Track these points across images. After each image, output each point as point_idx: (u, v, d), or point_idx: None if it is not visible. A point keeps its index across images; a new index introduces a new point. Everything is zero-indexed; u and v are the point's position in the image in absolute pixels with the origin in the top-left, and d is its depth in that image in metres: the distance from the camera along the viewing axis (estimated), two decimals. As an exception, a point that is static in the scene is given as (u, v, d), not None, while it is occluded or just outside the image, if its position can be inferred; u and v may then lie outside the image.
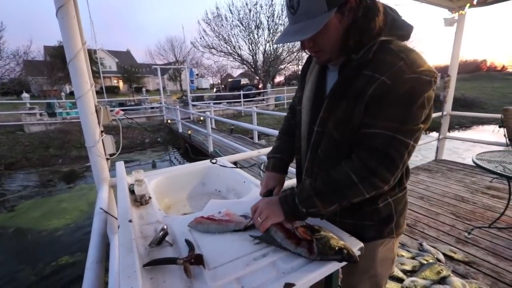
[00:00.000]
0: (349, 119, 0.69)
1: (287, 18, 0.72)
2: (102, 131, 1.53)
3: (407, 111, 0.63)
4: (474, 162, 2.09)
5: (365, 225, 0.79)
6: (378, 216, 0.78)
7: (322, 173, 0.72)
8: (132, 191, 1.10)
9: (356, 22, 0.65)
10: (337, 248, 0.66)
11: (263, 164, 4.49)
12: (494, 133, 3.62)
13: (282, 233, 0.72)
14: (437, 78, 0.64)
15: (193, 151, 7.63)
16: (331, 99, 0.73)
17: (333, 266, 0.67)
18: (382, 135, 0.64)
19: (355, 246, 0.71)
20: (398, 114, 0.63)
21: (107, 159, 1.57)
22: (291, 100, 1.00)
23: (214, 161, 1.48)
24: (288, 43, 20.59)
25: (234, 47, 20.72)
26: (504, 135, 3.19)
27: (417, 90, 0.62)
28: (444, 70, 3.85)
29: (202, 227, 0.82)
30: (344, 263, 0.68)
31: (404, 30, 0.69)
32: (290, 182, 1.98)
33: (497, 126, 3.31)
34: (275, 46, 20.52)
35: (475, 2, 3.33)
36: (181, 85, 32.60)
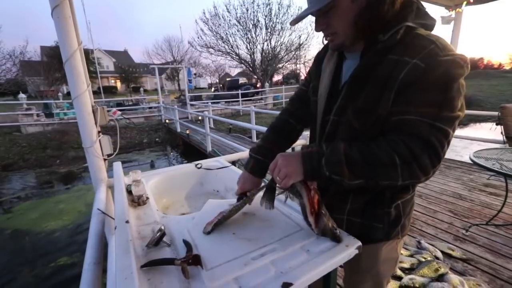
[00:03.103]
0: (373, 109, 0.65)
1: (284, 17, 0.73)
2: (99, 132, 1.52)
3: (444, 96, 0.58)
4: (472, 160, 2.10)
5: (374, 226, 0.77)
6: (388, 219, 0.76)
7: (360, 143, 0.65)
8: (129, 192, 1.09)
9: (371, 5, 0.63)
10: (334, 229, 0.71)
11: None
12: (491, 131, 3.64)
13: (305, 191, 0.71)
14: (469, 66, 0.61)
15: (191, 151, 7.62)
16: (351, 86, 0.70)
17: (332, 265, 0.67)
18: (420, 122, 0.59)
19: (353, 244, 0.71)
20: (435, 99, 0.59)
21: (105, 159, 1.56)
22: (289, 100, 0.99)
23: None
24: (286, 42, 20.67)
25: (232, 46, 20.73)
26: (501, 133, 3.20)
27: (453, 73, 0.58)
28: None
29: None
30: (344, 261, 0.69)
31: (428, 21, 0.67)
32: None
33: (494, 123, 3.32)
34: (272, 44, 20.54)
35: (472, 0, 3.34)
36: (179, 85, 32.49)
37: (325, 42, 0.78)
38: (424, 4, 0.69)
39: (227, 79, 30.08)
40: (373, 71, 0.65)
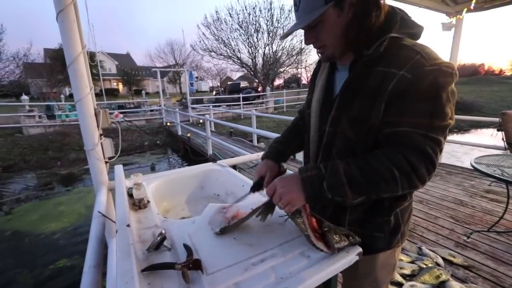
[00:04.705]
0: (365, 118, 0.66)
1: (285, 22, 0.74)
2: (101, 134, 1.53)
3: (435, 105, 0.60)
4: (473, 166, 2.09)
5: (375, 236, 0.77)
6: (388, 227, 0.77)
7: (358, 160, 0.65)
8: (130, 195, 1.09)
9: (356, 18, 0.64)
10: (345, 237, 0.71)
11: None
12: (492, 137, 3.63)
13: (307, 219, 0.71)
14: (457, 73, 0.61)
15: (192, 154, 7.62)
16: (342, 97, 0.72)
17: (332, 272, 0.67)
18: (414, 134, 0.61)
19: (354, 251, 0.71)
20: (425, 109, 0.60)
21: (106, 162, 1.57)
22: (290, 103, 1.01)
23: (214, 160, 1.49)
24: (288, 46, 20.77)
25: (234, 50, 20.85)
26: (502, 139, 3.20)
27: (441, 83, 0.59)
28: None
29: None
30: (344, 268, 0.68)
31: (414, 29, 0.68)
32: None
33: (496, 129, 3.32)
34: (274, 49, 20.65)
35: (472, 7, 3.36)
36: (180, 88, 32.64)
37: (317, 51, 0.79)
38: (424, 10, 0.70)
39: (229, 82, 30.14)
40: (363, 82, 0.67)
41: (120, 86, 34.55)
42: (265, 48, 20.58)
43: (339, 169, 0.64)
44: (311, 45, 0.74)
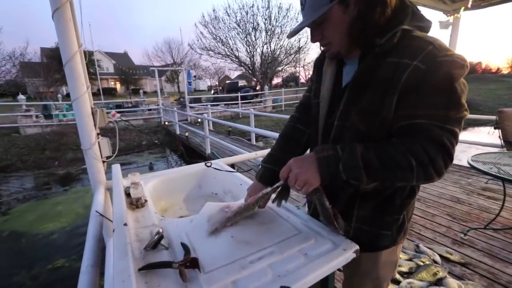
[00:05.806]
0: (376, 111, 0.65)
1: (283, 20, 0.74)
2: (98, 134, 1.52)
3: (449, 97, 0.59)
4: (470, 164, 2.11)
5: (382, 234, 0.77)
6: (396, 226, 0.76)
7: (376, 145, 0.64)
8: (128, 194, 1.09)
9: (362, 15, 0.64)
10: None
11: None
12: (489, 135, 3.65)
13: (325, 196, 0.72)
14: (468, 65, 0.61)
15: (190, 153, 7.61)
16: (351, 91, 0.70)
17: (329, 269, 0.67)
18: (432, 126, 0.60)
19: (351, 248, 0.71)
20: (441, 101, 0.60)
21: (103, 161, 1.57)
22: (288, 102, 0.99)
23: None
24: (286, 45, 20.76)
25: (232, 49, 20.81)
26: (499, 137, 3.22)
27: (455, 74, 0.59)
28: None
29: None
30: (341, 265, 0.69)
31: (424, 23, 0.67)
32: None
33: (492, 127, 3.34)
34: (272, 47, 20.64)
35: (469, 5, 3.37)
36: (178, 87, 32.55)
37: (323, 48, 0.79)
38: (423, 9, 0.70)
39: (227, 81, 30.13)
40: (373, 75, 0.66)
41: (118, 85, 34.40)
42: (263, 46, 20.58)
43: (357, 152, 0.63)
44: (310, 44, 0.74)
